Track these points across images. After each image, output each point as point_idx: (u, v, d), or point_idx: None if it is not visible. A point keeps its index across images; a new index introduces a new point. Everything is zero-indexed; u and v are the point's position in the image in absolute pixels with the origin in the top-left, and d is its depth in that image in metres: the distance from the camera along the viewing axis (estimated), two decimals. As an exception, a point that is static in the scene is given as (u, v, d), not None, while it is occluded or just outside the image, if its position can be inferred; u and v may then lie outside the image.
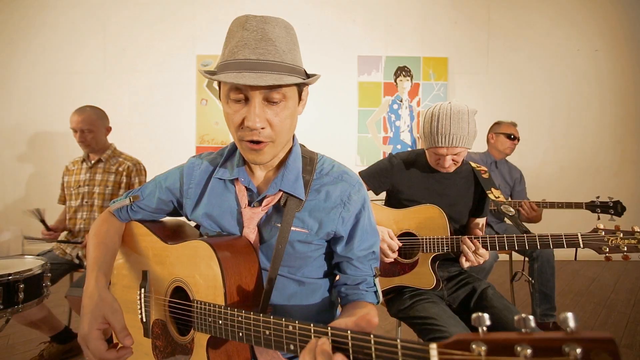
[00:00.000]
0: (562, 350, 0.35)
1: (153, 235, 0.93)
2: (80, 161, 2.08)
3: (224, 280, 0.73)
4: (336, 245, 0.86)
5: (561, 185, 3.90)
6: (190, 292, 0.80)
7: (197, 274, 0.79)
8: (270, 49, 0.70)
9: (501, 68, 3.87)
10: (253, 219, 0.82)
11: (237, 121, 0.73)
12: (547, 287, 2.10)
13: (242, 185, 0.85)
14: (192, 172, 0.91)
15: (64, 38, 3.70)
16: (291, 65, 0.73)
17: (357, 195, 0.84)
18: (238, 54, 0.70)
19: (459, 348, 0.40)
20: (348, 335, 0.52)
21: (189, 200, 0.91)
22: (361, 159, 3.83)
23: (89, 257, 0.86)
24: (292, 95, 0.75)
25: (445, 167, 1.36)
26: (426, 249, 1.34)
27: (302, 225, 0.82)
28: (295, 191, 0.81)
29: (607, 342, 0.34)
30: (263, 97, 0.71)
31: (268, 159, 0.78)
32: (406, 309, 1.31)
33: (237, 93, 0.71)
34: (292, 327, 0.60)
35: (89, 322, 0.72)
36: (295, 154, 0.86)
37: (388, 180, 1.49)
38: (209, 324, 0.73)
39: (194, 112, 3.77)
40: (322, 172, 0.87)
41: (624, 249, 1.06)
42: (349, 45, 3.80)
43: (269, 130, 0.74)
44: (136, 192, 0.96)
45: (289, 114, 0.76)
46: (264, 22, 0.71)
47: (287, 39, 0.73)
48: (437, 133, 1.30)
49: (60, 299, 1.86)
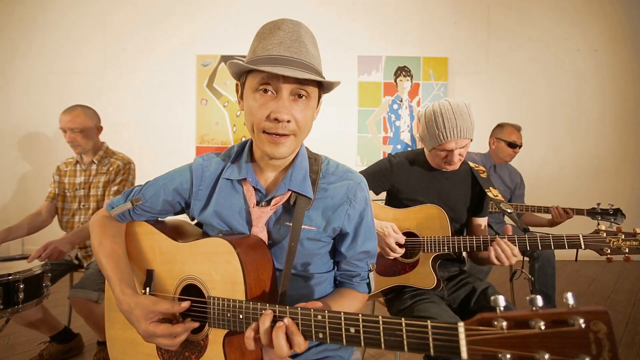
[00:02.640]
0: (568, 322, 0.43)
1: (161, 234, 0.92)
2: (73, 163, 2.01)
3: (245, 276, 0.74)
4: (340, 244, 0.89)
5: (561, 185, 3.90)
6: (205, 289, 0.80)
7: (213, 270, 0.80)
8: (302, 49, 0.75)
9: (501, 68, 3.87)
10: (262, 218, 0.84)
11: (264, 114, 0.75)
12: (548, 287, 2.09)
13: (250, 186, 0.86)
14: (202, 173, 0.92)
15: (64, 38, 3.70)
16: (316, 68, 0.78)
17: (362, 193, 0.88)
18: (272, 51, 0.74)
19: (484, 324, 0.48)
20: (379, 320, 0.58)
21: (198, 202, 0.91)
22: (361, 159, 3.83)
23: (104, 270, 0.87)
24: (314, 96, 0.80)
25: (454, 163, 1.35)
26: (427, 249, 1.34)
27: (311, 223, 0.84)
28: (304, 190, 0.84)
29: (603, 313, 0.43)
30: (290, 91, 0.75)
31: (287, 152, 0.80)
32: (407, 308, 1.31)
33: (267, 85, 0.74)
34: (322, 316, 0.63)
35: (143, 323, 0.77)
36: (302, 155, 0.89)
37: (388, 180, 1.49)
38: (228, 319, 0.74)
39: (194, 112, 3.77)
40: (327, 171, 0.90)
41: (625, 251, 1.06)
42: (349, 45, 3.80)
43: (294, 124, 0.77)
44: (137, 194, 0.94)
45: (310, 114, 0.80)
46: (298, 26, 0.77)
47: (314, 47, 0.80)
48: (444, 128, 1.30)
49: (60, 299, 1.86)
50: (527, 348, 0.45)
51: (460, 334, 0.50)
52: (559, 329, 0.44)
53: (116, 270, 0.86)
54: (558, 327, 0.44)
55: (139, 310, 0.78)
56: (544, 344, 0.44)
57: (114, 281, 0.85)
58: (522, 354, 0.45)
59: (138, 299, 0.80)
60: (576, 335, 0.43)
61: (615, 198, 2.19)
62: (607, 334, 0.42)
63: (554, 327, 0.44)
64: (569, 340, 0.44)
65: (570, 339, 0.44)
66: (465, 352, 0.49)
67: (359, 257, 0.90)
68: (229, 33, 3.69)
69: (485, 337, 0.48)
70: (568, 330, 0.44)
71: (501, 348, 0.46)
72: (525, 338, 0.45)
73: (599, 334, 0.43)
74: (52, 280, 1.72)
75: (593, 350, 0.43)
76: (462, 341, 0.49)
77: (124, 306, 0.81)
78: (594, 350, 0.43)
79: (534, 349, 0.45)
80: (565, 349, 0.44)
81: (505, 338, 0.46)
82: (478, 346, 0.48)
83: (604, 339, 0.43)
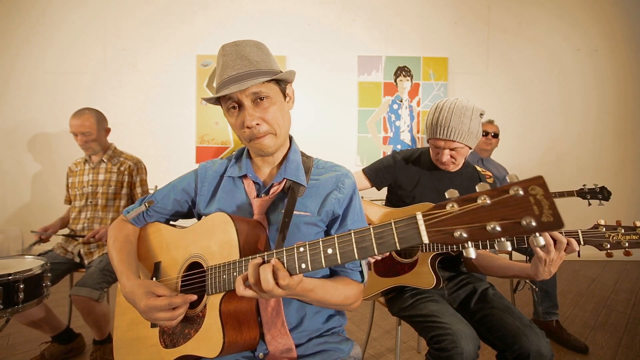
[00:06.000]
0: (510, 192, 0.49)
1: (166, 226, 1.02)
2: (82, 162, 2.11)
3: (239, 238, 0.80)
4: (332, 228, 0.96)
5: (560, 185, 3.88)
6: (205, 262, 0.86)
7: (212, 243, 0.86)
8: (244, 63, 0.86)
9: (501, 68, 3.87)
10: (262, 206, 0.93)
11: (239, 125, 0.89)
12: (549, 285, 2.10)
13: (250, 180, 0.97)
14: (206, 172, 1.04)
15: (64, 38, 3.70)
16: (265, 70, 0.87)
17: (349, 181, 0.98)
18: (223, 75, 0.87)
19: (438, 209, 0.55)
20: (351, 233, 0.64)
21: (202, 197, 1.01)
22: (361, 159, 3.83)
23: (114, 261, 0.97)
24: (275, 93, 0.89)
25: (443, 162, 1.36)
26: (425, 248, 1.34)
27: (305, 209, 0.92)
28: (298, 178, 0.94)
29: (537, 178, 0.49)
30: (251, 100, 0.87)
31: (272, 145, 0.91)
32: (407, 307, 1.31)
33: (232, 103, 0.88)
34: (303, 248, 0.69)
35: (143, 299, 0.82)
36: (294, 150, 1.00)
37: (390, 176, 1.50)
38: (223, 281, 0.79)
39: (194, 112, 3.77)
40: (318, 166, 1.02)
41: (625, 245, 1.03)
42: (349, 45, 3.80)
43: (265, 125, 0.89)
44: (150, 197, 1.07)
45: (277, 109, 0.90)
46: (235, 45, 0.88)
47: (258, 53, 0.89)
48: (437, 124, 1.31)
49: (60, 299, 1.86)
50: (478, 221, 0.51)
51: (419, 221, 0.56)
52: (502, 198, 0.50)
53: (124, 261, 0.95)
54: (502, 197, 0.50)
55: (141, 289, 0.84)
56: (492, 215, 0.50)
57: (120, 270, 0.93)
58: (474, 226, 0.51)
59: (142, 281, 0.88)
60: (519, 202, 0.49)
61: (615, 198, 2.19)
62: (544, 195, 0.48)
63: (498, 198, 0.50)
64: (513, 207, 0.49)
65: (514, 206, 0.49)
66: (426, 235, 0.55)
67: None
68: (229, 33, 3.68)
69: (441, 219, 0.54)
70: (510, 197, 0.49)
71: (456, 225, 0.53)
72: (475, 212, 0.51)
73: (538, 196, 0.48)
74: (53, 280, 1.73)
75: (535, 210, 0.48)
76: (421, 227, 0.56)
77: (127, 288, 0.88)
78: (536, 210, 0.48)
79: (485, 221, 0.51)
80: (511, 215, 0.49)
81: (458, 216, 0.53)
82: (436, 228, 0.54)
83: (542, 200, 0.48)
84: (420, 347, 2.05)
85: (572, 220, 2.23)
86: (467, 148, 1.33)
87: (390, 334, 2.23)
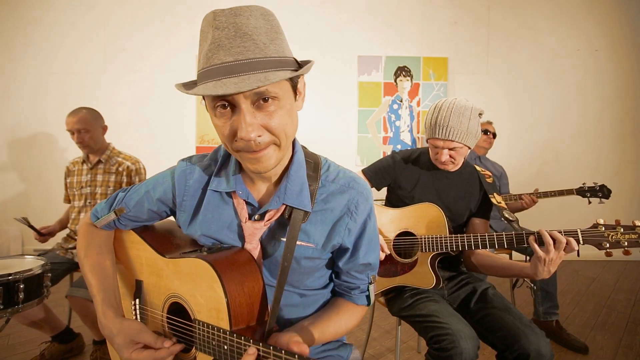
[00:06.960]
0: None
1: (146, 245, 0.87)
2: (80, 162, 2.10)
3: (229, 305, 0.69)
4: (339, 258, 0.83)
5: (560, 185, 3.88)
6: (191, 312, 0.76)
7: (197, 293, 0.75)
8: (248, 45, 0.59)
9: (501, 68, 3.87)
10: (255, 234, 0.76)
11: (229, 133, 0.64)
12: (549, 285, 2.10)
13: (240, 199, 0.77)
14: (185, 181, 0.83)
15: (64, 38, 3.70)
16: (277, 57, 0.62)
17: (365, 205, 0.79)
18: (213, 59, 0.60)
19: None
20: None
21: (184, 214, 0.83)
22: (361, 159, 3.83)
23: (88, 286, 0.82)
24: (285, 92, 0.65)
25: (442, 162, 1.36)
26: (425, 249, 1.34)
27: (308, 240, 0.76)
28: (301, 204, 0.74)
29: None
30: (251, 101, 0.62)
31: (273, 164, 0.69)
32: (407, 307, 1.31)
33: (222, 102, 0.62)
34: None
35: (125, 352, 0.72)
36: (297, 163, 0.77)
37: (390, 176, 1.50)
38: (213, 348, 0.70)
39: (194, 112, 3.77)
40: (327, 178, 0.80)
41: (624, 244, 1.03)
42: (349, 45, 3.80)
43: (267, 136, 0.64)
44: (119, 203, 0.88)
45: (286, 113, 0.66)
46: (234, 15, 0.59)
47: (266, 28, 0.62)
48: (435, 124, 1.31)
49: (60, 299, 1.86)
50: None
51: None
52: None
53: (99, 288, 0.80)
54: None
55: (122, 337, 0.72)
56: None
57: (96, 300, 0.79)
58: None
59: (121, 324, 0.74)
60: None
61: (615, 197, 2.19)
62: None
63: None
64: None
65: None
66: None
67: (359, 270, 0.84)
68: (229, 33, 3.68)
69: None
70: None
71: None
72: None
73: None
74: (53, 280, 1.73)
75: None
76: None
77: (106, 331, 0.75)
78: None
79: None
80: None
81: None
82: None
83: None
84: (420, 347, 2.05)
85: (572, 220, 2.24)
86: (466, 148, 1.33)
87: (390, 334, 2.23)
